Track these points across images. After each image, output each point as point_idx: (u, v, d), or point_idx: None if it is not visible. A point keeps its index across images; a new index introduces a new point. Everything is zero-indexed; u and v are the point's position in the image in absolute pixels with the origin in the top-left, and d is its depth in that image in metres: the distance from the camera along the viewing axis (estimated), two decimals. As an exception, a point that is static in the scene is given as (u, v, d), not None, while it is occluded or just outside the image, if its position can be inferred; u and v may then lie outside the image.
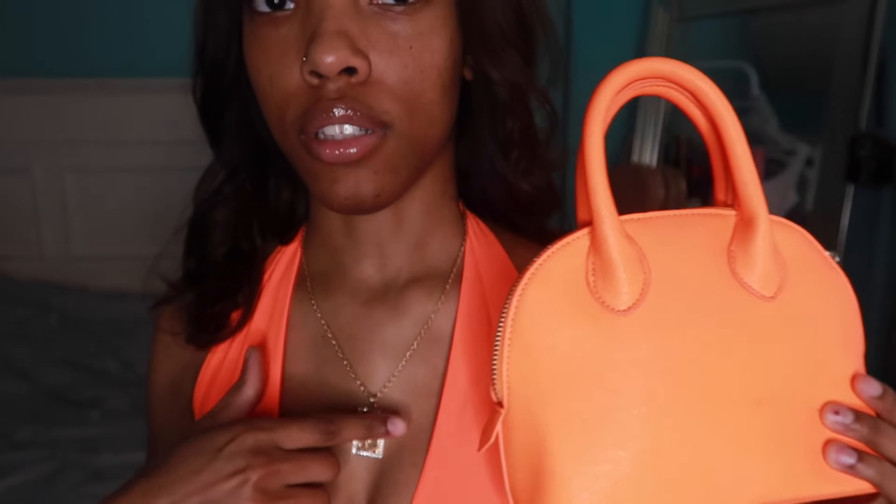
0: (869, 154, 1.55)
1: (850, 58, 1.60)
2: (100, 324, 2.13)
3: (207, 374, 0.54)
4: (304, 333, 0.52)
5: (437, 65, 0.44)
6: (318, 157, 0.43)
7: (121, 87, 2.18)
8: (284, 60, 0.43)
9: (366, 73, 0.42)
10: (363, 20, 0.42)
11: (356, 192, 0.44)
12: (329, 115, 0.42)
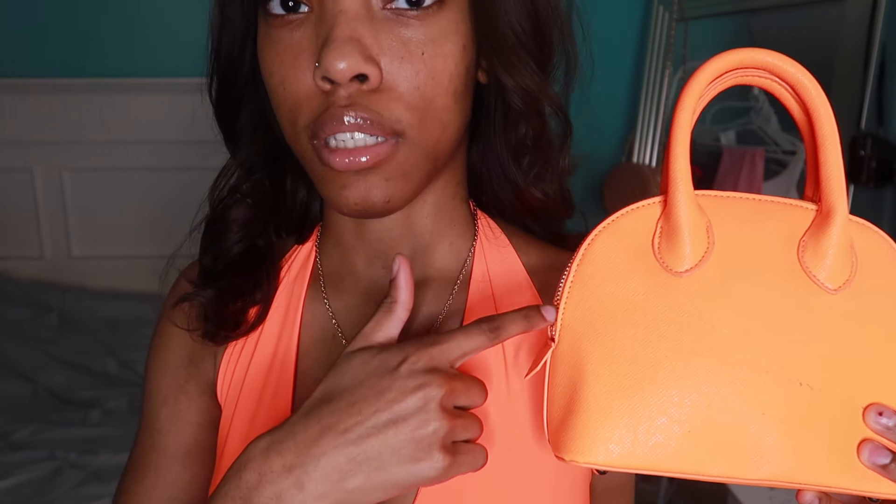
0: (869, 154, 1.55)
1: (851, 57, 1.60)
2: (99, 324, 2.13)
3: (226, 364, 0.54)
4: (317, 332, 0.53)
5: (450, 71, 0.44)
6: (328, 164, 0.43)
7: (121, 88, 2.18)
8: (297, 64, 0.43)
9: (377, 81, 0.42)
10: (376, 26, 0.42)
11: (366, 198, 0.44)
12: (340, 122, 0.42)
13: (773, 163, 1.88)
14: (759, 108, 1.90)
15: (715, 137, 2.00)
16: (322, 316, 0.53)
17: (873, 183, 1.55)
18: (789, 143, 1.85)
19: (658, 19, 2.03)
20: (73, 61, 2.20)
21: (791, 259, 0.41)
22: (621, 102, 2.13)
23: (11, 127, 2.21)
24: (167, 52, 2.20)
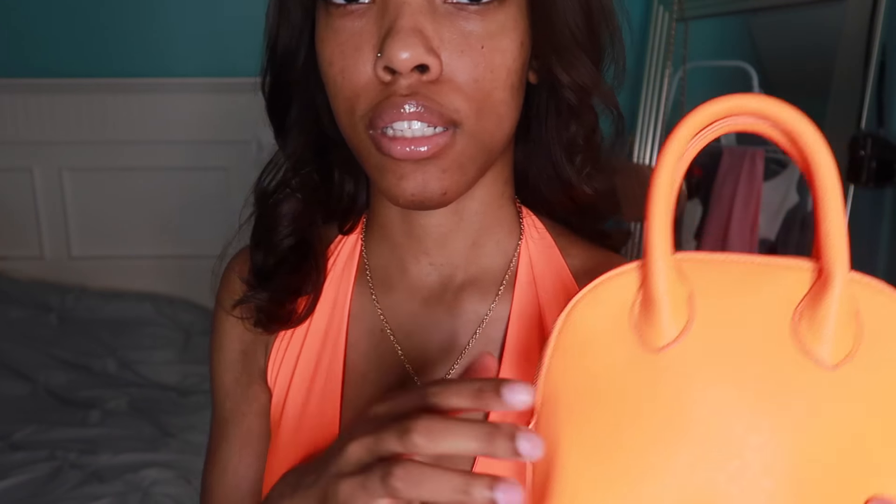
0: (870, 154, 1.55)
1: (851, 57, 1.60)
2: (99, 324, 2.13)
3: (276, 352, 0.55)
4: (364, 326, 0.54)
5: (507, 65, 0.45)
6: (387, 153, 0.43)
7: (121, 88, 2.18)
8: (358, 54, 0.43)
9: (438, 72, 0.42)
10: (437, 18, 0.42)
11: (423, 189, 0.44)
12: (400, 110, 0.42)
13: (773, 163, 1.88)
14: (759, 108, 1.90)
15: (715, 137, 2.00)
16: (370, 310, 0.54)
17: (873, 183, 1.55)
18: (789, 143, 1.85)
19: (658, 19, 2.03)
20: (73, 61, 2.20)
21: (783, 331, 0.36)
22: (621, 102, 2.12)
23: (11, 127, 2.21)
24: (168, 52, 2.20)
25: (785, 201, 1.87)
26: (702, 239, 2.03)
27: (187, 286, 2.31)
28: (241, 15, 2.18)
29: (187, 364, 2.08)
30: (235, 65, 2.20)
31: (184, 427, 1.78)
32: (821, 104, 1.68)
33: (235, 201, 2.22)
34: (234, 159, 2.22)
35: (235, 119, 2.19)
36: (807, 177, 0.41)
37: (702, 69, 2.02)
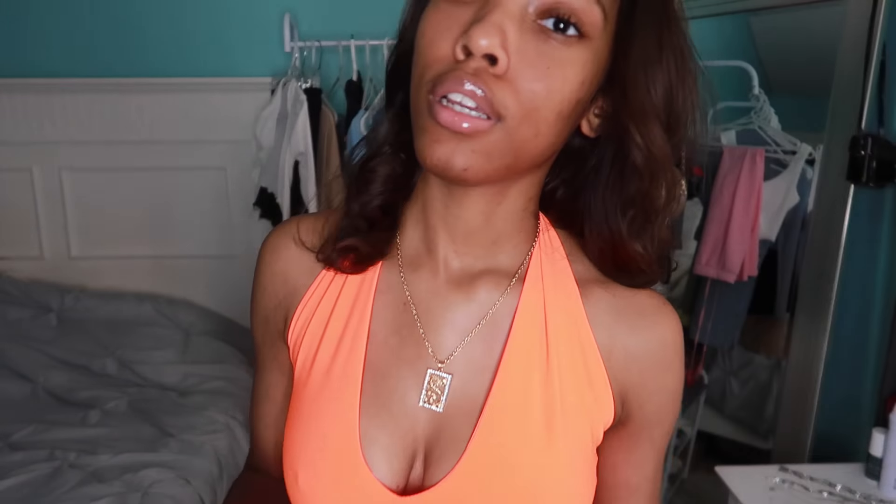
0: (869, 154, 1.55)
1: (852, 57, 1.60)
2: (99, 324, 2.13)
3: (301, 309, 0.61)
4: (390, 297, 0.60)
5: (563, 92, 0.49)
6: (435, 117, 0.48)
7: (120, 88, 2.18)
8: (447, 33, 0.49)
9: (503, 68, 0.47)
10: (523, 28, 0.48)
11: (449, 158, 0.49)
12: (460, 84, 0.47)
13: (773, 163, 1.88)
14: (760, 108, 1.90)
15: (715, 137, 2.00)
16: (396, 284, 0.60)
17: (873, 183, 1.55)
18: (789, 143, 1.85)
19: (658, 19, 2.03)
20: (73, 61, 2.20)
21: None
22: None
23: (11, 127, 2.21)
24: (166, 52, 2.20)
25: (785, 201, 1.87)
26: (702, 239, 2.03)
27: (187, 286, 2.31)
28: (241, 16, 2.19)
29: (187, 364, 2.08)
30: (236, 65, 2.21)
31: (184, 427, 1.77)
32: (821, 104, 1.67)
33: (234, 201, 2.25)
34: (234, 159, 2.22)
35: (235, 119, 2.19)
36: None
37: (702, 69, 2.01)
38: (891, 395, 1.55)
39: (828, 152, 1.64)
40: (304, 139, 1.90)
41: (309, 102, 1.90)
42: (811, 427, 1.70)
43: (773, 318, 1.94)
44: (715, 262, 2.00)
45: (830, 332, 1.67)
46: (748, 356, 2.06)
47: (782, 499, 1.45)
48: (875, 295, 1.66)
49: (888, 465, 1.45)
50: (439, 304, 0.59)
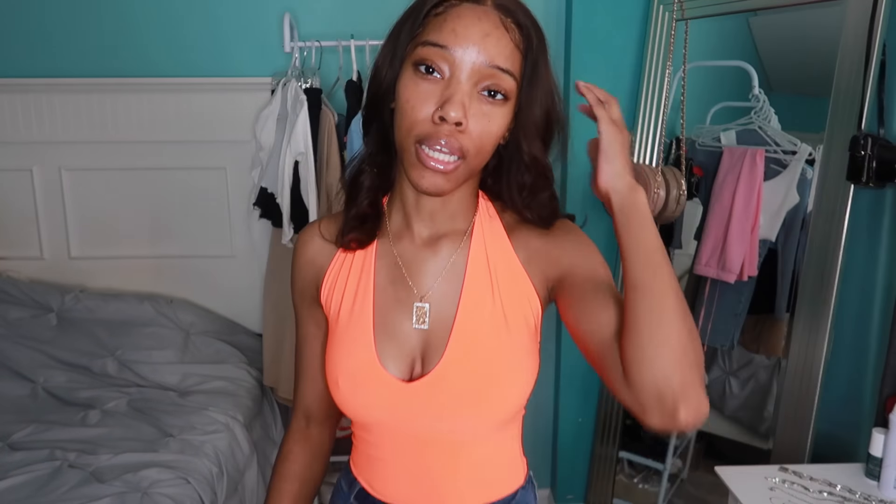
0: (869, 154, 1.55)
1: (851, 57, 1.60)
2: (99, 324, 2.13)
3: (328, 279, 0.93)
4: (385, 261, 0.91)
5: (495, 132, 0.80)
6: (422, 161, 0.78)
7: (120, 88, 2.18)
8: (425, 104, 0.77)
9: (465, 127, 0.77)
10: (472, 98, 0.77)
11: (433, 186, 0.79)
12: (439, 141, 0.77)
13: (773, 163, 1.88)
14: (760, 108, 1.90)
15: (715, 137, 2.00)
16: (388, 251, 0.91)
17: (873, 183, 1.55)
18: (789, 143, 1.85)
19: (658, 19, 2.03)
20: (73, 61, 2.20)
21: None
22: (621, 102, 2.12)
23: (11, 127, 2.21)
24: (168, 52, 2.20)
25: (785, 201, 1.86)
26: (702, 239, 2.03)
27: (187, 286, 2.31)
28: (241, 16, 2.19)
29: (187, 364, 2.08)
30: (235, 65, 2.21)
31: (183, 427, 1.77)
32: (821, 104, 1.67)
33: (235, 201, 2.26)
34: (234, 159, 2.22)
35: (235, 119, 2.19)
36: None
37: (702, 69, 2.02)
38: (891, 395, 1.55)
39: (828, 152, 1.64)
40: (304, 139, 1.90)
41: (309, 102, 1.90)
42: (811, 427, 1.70)
43: (773, 318, 1.94)
44: (715, 262, 2.00)
45: (830, 332, 1.67)
46: (748, 356, 2.05)
47: (782, 499, 1.45)
48: (875, 295, 1.66)
49: (888, 465, 1.45)
50: (417, 260, 0.89)
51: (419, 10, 0.80)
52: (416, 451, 0.89)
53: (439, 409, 0.85)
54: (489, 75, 0.77)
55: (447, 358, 0.84)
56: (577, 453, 2.40)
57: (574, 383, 2.35)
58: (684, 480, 2.23)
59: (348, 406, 0.88)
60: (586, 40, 2.12)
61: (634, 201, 0.76)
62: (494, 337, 0.85)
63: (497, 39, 0.78)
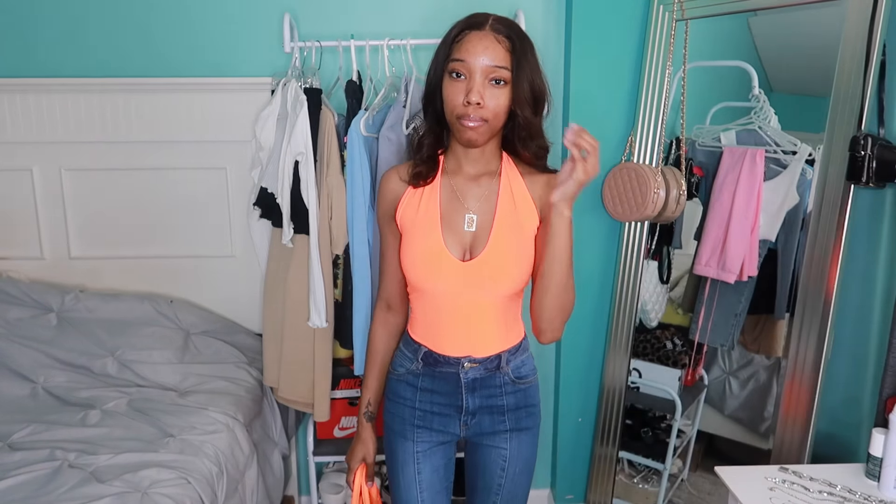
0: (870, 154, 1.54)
1: (851, 57, 1.60)
2: (99, 324, 2.13)
3: (402, 203, 1.44)
4: (446, 189, 1.42)
5: (503, 104, 1.32)
6: (463, 124, 1.32)
7: (120, 88, 2.18)
8: (459, 95, 1.30)
9: (483, 104, 1.30)
10: (486, 85, 1.30)
11: (470, 139, 1.33)
12: (470, 115, 1.30)
13: (773, 163, 1.88)
14: (760, 108, 1.90)
15: (715, 137, 2.00)
16: (447, 183, 1.42)
17: (873, 183, 1.55)
18: (789, 143, 1.85)
19: (658, 19, 2.03)
20: (73, 61, 2.20)
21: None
22: (621, 102, 2.12)
23: (11, 127, 2.21)
24: (166, 52, 2.20)
25: (785, 201, 1.86)
26: (701, 239, 2.03)
27: (187, 286, 2.31)
28: (241, 16, 2.19)
29: (187, 364, 2.08)
30: (235, 65, 2.21)
31: (184, 427, 1.77)
32: (821, 104, 1.67)
33: (235, 201, 2.26)
34: (234, 159, 2.22)
35: (235, 119, 2.19)
36: None
37: (702, 69, 2.02)
38: (891, 395, 1.55)
39: (828, 152, 1.64)
40: (304, 139, 1.90)
41: (309, 102, 1.90)
42: (811, 427, 1.70)
43: (773, 318, 1.94)
44: (715, 262, 2.00)
45: (830, 332, 1.67)
46: (748, 356, 2.05)
47: (782, 499, 1.45)
48: (875, 295, 1.66)
49: (888, 465, 1.45)
50: (466, 188, 1.41)
51: (449, 40, 1.33)
52: (464, 313, 1.39)
53: (481, 280, 1.36)
54: (492, 71, 1.29)
55: (488, 248, 1.36)
56: (577, 453, 2.40)
57: (574, 383, 2.35)
58: (684, 480, 2.23)
59: (420, 278, 1.38)
60: (586, 40, 2.12)
61: (564, 222, 1.29)
62: (514, 238, 1.37)
63: (494, 50, 1.29)
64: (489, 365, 1.43)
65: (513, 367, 1.45)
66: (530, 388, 1.49)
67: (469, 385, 1.43)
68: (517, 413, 1.47)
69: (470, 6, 2.24)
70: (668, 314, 2.24)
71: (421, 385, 1.46)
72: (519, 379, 1.47)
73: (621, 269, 2.19)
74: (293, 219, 1.94)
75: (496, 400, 1.45)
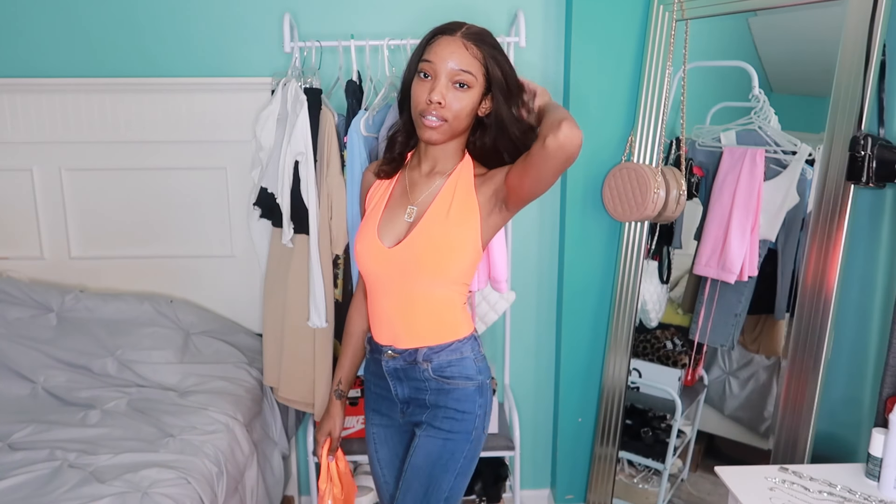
0: (870, 154, 1.55)
1: (852, 57, 1.60)
2: (99, 324, 2.12)
3: (369, 193, 1.55)
4: (400, 184, 1.50)
5: (465, 107, 1.38)
6: (423, 123, 1.37)
7: (120, 88, 2.18)
8: (423, 93, 1.36)
9: (445, 104, 1.35)
10: (449, 87, 1.36)
11: (430, 137, 1.39)
12: (431, 113, 1.36)
13: (773, 163, 1.88)
14: (760, 108, 1.90)
15: (715, 137, 2.00)
16: (403, 177, 1.51)
17: (873, 183, 1.55)
18: (789, 143, 1.85)
19: (658, 19, 2.03)
20: (74, 61, 2.20)
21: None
22: (621, 102, 2.12)
23: (11, 127, 2.21)
24: (166, 52, 2.20)
25: (785, 201, 1.86)
26: (701, 239, 2.03)
27: (187, 286, 2.31)
28: (241, 16, 2.19)
29: (187, 364, 2.08)
30: (235, 65, 2.21)
31: (184, 427, 1.77)
32: (821, 104, 1.67)
33: (235, 201, 2.27)
34: (234, 159, 2.22)
35: (235, 119, 2.19)
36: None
37: (702, 69, 2.02)
38: (891, 395, 1.55)
39: (828, 152, 1.64)
40: (304, 139, 1.90)
41: (309, 102, 1.90)
42: (811, 427, 1.70)
43: (773, 318, 1.94)
44: (715, 262, 2.00)
45: (830, 332, 1.67)
46: (748, 356, 2.05)
47: (782, 499, 1.45)
48: (875, 295, 1.66)
49: (888, 465, 1.45)
50: (418, 183, 1.47)
51: (423, 43, 1.40)
52: (394, 299, 1.45)
53: (404, 266, 1.41)
54: (457, 74, 1.35)
55: (411, 236, 1.41)
56: (577, 453, 2.40)
57: (574, 383, 2.35)
58: (684, 480, 2.23)
59: (361, 265, 1.47)
60: (586, 40, 2.12)
61: (546, 93, 1.45)
62: (442, 230, 1.39)
63: (461, 55, 1.35)
64: (408, 358, 1.45)
65: (435, 365, 1.44)
66: (457, 391, 1.45)
67: (392, 374, 1.48)
68: (435, 411, 1.46)
69: (468, 6, 2.25)
70: (668, 314, 2.24)
71: (371, 369, 1.56)
72: (443, 378, 1.45)
73: (621, 269, 2.19)
74: (293, 219, 1.94)
75: (421, 394, 1.47)
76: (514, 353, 2.42)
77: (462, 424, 1.45)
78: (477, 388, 1.47)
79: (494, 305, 2.17)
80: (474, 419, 1.46)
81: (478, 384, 1.47)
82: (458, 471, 1.46)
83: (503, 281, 2.02)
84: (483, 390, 1.48)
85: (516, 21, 2.09)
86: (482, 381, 1.48)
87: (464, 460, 1.46)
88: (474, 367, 1.47)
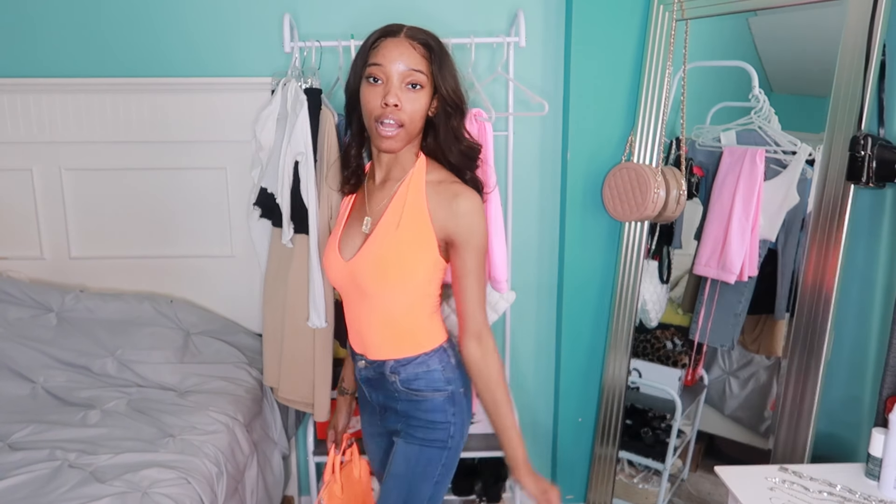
0: (870, 154, 1.55)
1: (852, 57, 1.60)
2: (99, 324, 2.12)
3: (342, 204, 1.56)
4: (360, 195, 1.51)
5: (420, 109, 1.36)
6: (379, 133, 1.35)
7: (120, 88, 2.18)
8: (376, 98, 1.34)
9: (400, 107, 1.33)
10: (402, 91, 1.34)
11: (387, 145, 1.36)
12: (387, 118, 1.34)
13: (773, 163, 1.88)
14: (760, 108, 1.90)
15: (715, 137, 2.00)
16: (364, 190, 1.50)
17: (873, 183, 1.55)
18: (789, 143, 1.85)
19: (658, 19, 2.03)
20: (73, 61, 2.20)
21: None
22: (621, 102, 2.12)
23: (11, 127, 2.21)
24: (166, 52, 2.20)
25: (785, 201, 1.86)
26: (701, 239, 2.03)
27: (187, 286, 2.31)
28: (241, 16, 2.19)
29: (187, 364, 2.08)
30: (235, 65, 2.21)
31: (184, 427, 1.77)
32: (821, 104, 1.67)
33: (235, 201, 2.27)
34: (234, 159, 2.22)
35: (235, 119, 2.19)
36: None
37: (702, 69, 2.02)
38: (891, 395, 1.55)
39: (828, 152, 1.64)
40: (304, 139, 1.90)
41: (309, 102, 1.90)
42: (811, 427, 1.70)
43: (773, 318, 1.94)
44: (715, 262, 2.00)
45: (830, 332, 1.67)
46: (748, 356, 2.05)
47: (782, 499, 1.45)
48: (875, 295, 1.66)
49: (888, 465, 1.45)
50: (374, 193, 1.46)
51: (366, 47, 1.37)
52: (358, 312, 1.46)
53: (361, 279, 1.40)
54: (409, 75, 1.34)
55: (363, 249, 1.41)
56: (577, 453, 2.40)
57: (574, 383, 2.35)
58: (684, 480, 2.23)
59: (327, 277, 1.55)
60: (586, 40, 2.12)
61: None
62: (392, 242, 1.37)
63: (409, 55, 1.34)
64: (377, 369, 1.47)
65: (402, 378, 1.45)
66: (426, 402, 1.44)
67: (366, 382, 1.53)
68: (408, 420, 1.47)
69: (467, 6, 2.25)
70: (668, 314, 2.24)
71: (356, 374, 1.59)
72: (412, 390, 1.45)
73: (621, 269, 2.19)
74: (293, 219, 1.94)
75: (393, 402, 1.49)
76: (514, 352, 2.42)
77: (436, 433, 1.45)
78: (447, 399, 1.45)
79: (495, 305, 2.17)
80: (448, 427, 1.46)
81: (447, 394, 1.45)
82: (437, 479, 1.47)
83: (503, 281, 2.02)
84: (455, 399, 1.46)
85: (516, 21, 2.09)
86: (452, 390, 1.46)
87: (441, 468, 1.47)
88: (442, 379, 1.45)
